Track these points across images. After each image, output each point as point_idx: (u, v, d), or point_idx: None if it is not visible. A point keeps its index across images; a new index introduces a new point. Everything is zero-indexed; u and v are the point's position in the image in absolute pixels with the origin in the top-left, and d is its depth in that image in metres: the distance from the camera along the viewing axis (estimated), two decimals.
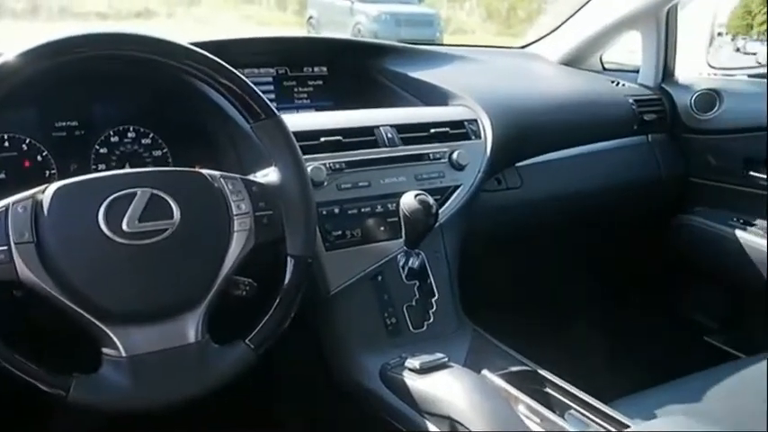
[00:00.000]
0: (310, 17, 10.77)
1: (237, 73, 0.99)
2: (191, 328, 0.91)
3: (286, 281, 0.99)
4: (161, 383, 0.90)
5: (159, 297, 0.90)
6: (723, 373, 1.34)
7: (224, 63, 0.98)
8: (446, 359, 1.08)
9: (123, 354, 0.87)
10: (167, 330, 0.90)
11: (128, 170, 0.95)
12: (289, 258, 0.99)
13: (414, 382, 1.05)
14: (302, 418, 1.55)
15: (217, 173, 0.97)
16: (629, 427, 0.99)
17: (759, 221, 1.71)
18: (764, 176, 1.71)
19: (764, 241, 1.65)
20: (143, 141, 1.28)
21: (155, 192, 0.91)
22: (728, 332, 1.83)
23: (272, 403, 1.58)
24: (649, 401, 1.23)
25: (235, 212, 0.95)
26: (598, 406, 1.07)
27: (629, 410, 1.10)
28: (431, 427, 1.03)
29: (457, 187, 1.35)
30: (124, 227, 0.88)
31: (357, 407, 1.17)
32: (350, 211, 1.23)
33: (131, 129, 1.27)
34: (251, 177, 1.00)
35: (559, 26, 2.00)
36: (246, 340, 0.96)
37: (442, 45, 2.16)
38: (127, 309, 0.88)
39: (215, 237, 0.94)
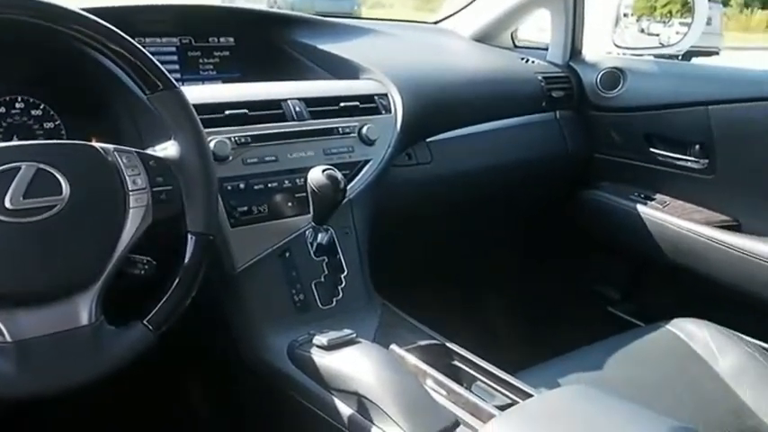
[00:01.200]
0: None
1: (131, 40, 0.94)
2: (83, 309, 0.87)
3: (186, 259, 0.95)
4: (51, 368, 0.85)
5: (47, 278, 0.85)
6: (624, 341, 1.39)
7: (116, 29, 0.93)
8: (354, 335, 1.07)
9: (8, 339, 0.82)
10: (57, 313, 0.85)
11: (10, 143, 0.89)
12: (189, 235, 0.95)
13: (321, 359, 1.05)
14: (212, 398, 1.53)
15: (110, 146, 0.93)
16: (532, 396, 1.01)
17: (659, 196, 1.77)
18: (663, 152, 1.77)
19: (663, 215, 1.71)
20: (33, 113, 1.21)
21: (41, 166, 0.85)
22: (630, 302, 1.89)
23: (182, 384, 1.55)
24: (554, 371, 1.26)
25: (130, 188, 0.91)
26: (504, 377, 1.09)
27: (535, 380, 1.13)
28: (339, 403, 1.02)
29: (366, 162, 1.34)
30: (7, 204, 0.82)
31: (266, 385, 1.15)
32: (256, 187, 1.20)
33: (20, 99, 1.20)
34: (148, 151, 0.96)
35: (472, 2, 2.01)
36: (144, 321, 0.92)
37: (355, 18, 2.13)
38: (12, 291, 0.83)
39: (109, 213, 0.90)
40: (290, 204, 1.22)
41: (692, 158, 1.72)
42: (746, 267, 1.54)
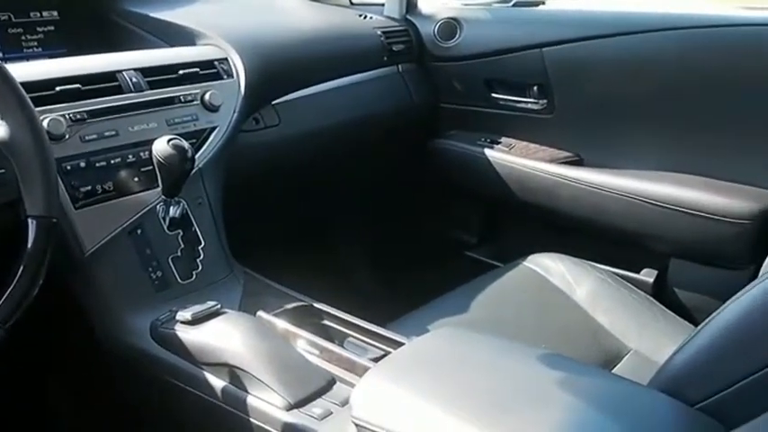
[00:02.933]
0: None
1: None
2: None
3: (29, 246, 0.88)
4: None
5: None
6: (485, 282, 1.44)
7: None
8: (219, 306, 1.05)
9: None
10: None
11: None
12: (29, 220, 0.89)
13: (187, 334, 1.02)
14: (75, 389, 1.46)
15: None
16: (404, 344, 1.02)
17: (504, 139, 1.83)
18: (504, 96, 1.83)
19: (510, 157, 1.77)
20: None
21: None
22: (487, 245, 1.95)
23: (42, 377, 1.47)
24: (422, 319, 1.30)
25: None
26: (375, 329, 1.10)
27: (405, 330, 1.15)
28: (211, 377, 1.01)
29: (213, 129, 1.30)
30: None
31: (131, 369, 1.11)
32: (98, 164, 1.13)
33: None
34: None
35: None
36: None
37: None
38: None
39: None
40: (136, 179, 1.17)
41: (532, 100, 1.79)
42: (591, 199, 1.63)
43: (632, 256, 1.62)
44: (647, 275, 1.60)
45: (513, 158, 1.76)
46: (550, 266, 1.46)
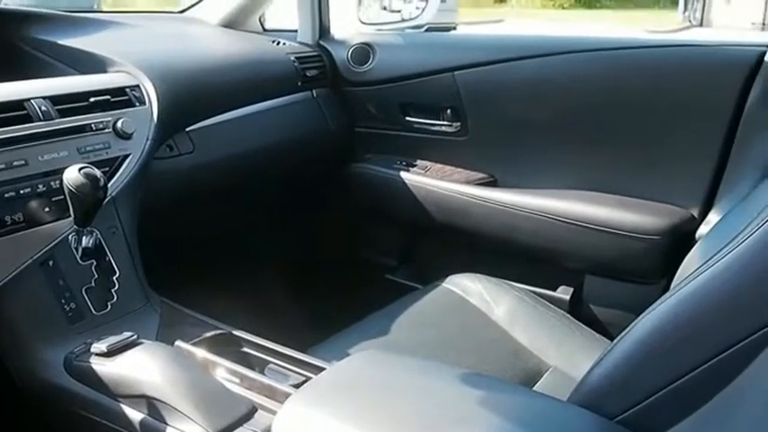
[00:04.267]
0: None
1: None
2: None
3: None
4: None
5: None
6: (405, 304, 1.45)
7: None
8: (135, 336, 1.04)
9: None
10: None
11: None
12: None
13: (102, 366, 1.00)
14: None
15: None
16: (325, 369, 1.03)
17: (419, 162, 1.86)
18: (418, 120, 1.86)
19: (426, 179, 1.79)
20: None
21: None
22: (406, 267, 1.97)
23: None
24: (343, 343, 1.29)
25: None
26: (295, 355, 1.10)
27: (326, 354, 1.15)
28: (128, 410, 0.99)
29: (126, 157, 1.28)
30: None
31: (45, 404, 1.08)
32: (7, 195, 1.10)
33: None
34: None
35: None
36: None
37: (96, 12, 2.02)
38: None
39: None
40: (47, 209, 1.14)
41: (446, 123, 1.83)
42: (505, 219, 1.67)
43: (548, 273, 1.66)
44: (564, 293, 1.65)
45: (429, 180, 1.79)
46: (469, 287, 1.48)
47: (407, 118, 1.88)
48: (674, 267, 1.15)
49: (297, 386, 1.00)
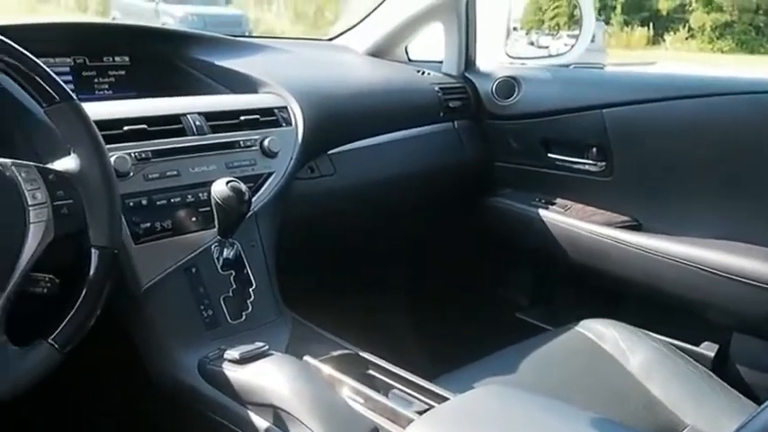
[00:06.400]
0: (114, 18, 10.34)
1: (25, 52, 0.92)
2: None
3: (91, 274, 0.93)
4: None
5: None
6: (535, 344, 1.41)
7: (9, 41, 0.91)
8: (267, 347, 1.06)
9: None
10: None
11: None
12: (93, 250, 0.93)
13: (234, 373, 1.03)
14: (119, 418, 1.47)
15: (8, 161, 0.90)
16: (448, 399, 1.01)
17: (559, 200, 1.82)
18: (561, 157, 1.82)
19: (565, 218, 1.75)
20: None
21: None
22: (537, 307, 1.92)
23: (85, 408, 1.49)
24: (468, 376, 1.27)
25: (30, 203, 0.88)
26: (419, 382, 1.09)
27: (450, 385, 1.13)
28: (254, 417, 1.00)
29: (270, 174, 1.32)
30: None
31: (177, 404, 1.12)
32: (159, 202, 1.17)
33: None
34: (48, 165, 0.93)
35: (365, 18, 2.03)
36: (50, 339, 0.90)
37: (250, 37, 2.12)
38: None
39: (8, 229, 0.87)
40: (194, 219, 1.20)
41: (590, 161, 1.78)
42: (648, 266, 1.59)
43: (691, 327, 1.57)
44: (708, 349, 1.55)
45: (569, 220, 1.75)
46: (603, 333, 1.42)
47: (549, 154, 1.84)
48: None
49: (420, 413, 0.99)
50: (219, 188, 1.12)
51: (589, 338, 1.42)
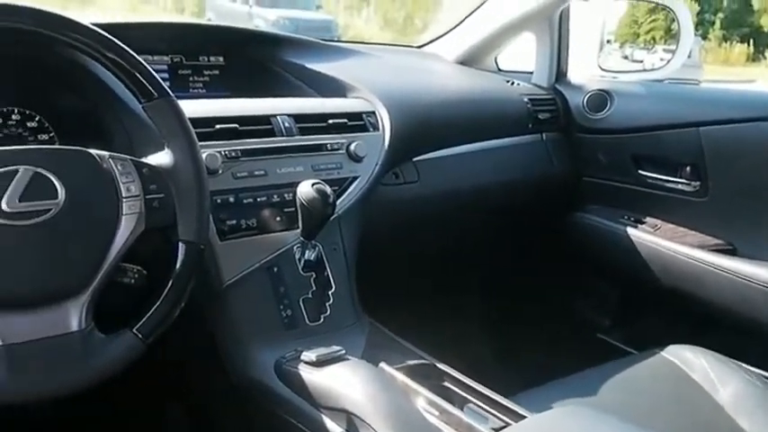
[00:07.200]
0: (208, 20, 10.64)
1: (128, 49, 0.95)
2: (73, 316, 0.87)
3: (177, 267, 0.95)
4: (39, 374, 0.85)
5: (40, 282, 0.86)
6: (618, 367, 1.36)
7: (113, 38, 0.94)
8: (343, 352, 1.06)
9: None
10: (48, 318, 0.85)
11: (9, 147, 0.89)
12: (180, 244, 0.95)
13: (310, 375, 1.02)
14: (193, 413, 1.50)
15: (105, 153, 0.93)
16: (525, 417, 0.99)
17: (649, 219, 1.76)
18: (652, 175, 1.76)
19: (655, 238, 1.69)
20: (29, 124, 1.20)
21: (38, 170, 0.86)
22: (620, 329, 1.87)
23: (162, 398, 1.52)
24: (546, 395, 1.24)
25: (124, 195, 0.91)
26: (496, 398, 1.07)
27: (527, 404, 1.10)
28: (327, 421, 1.00)
29: (355, 178, 1.33)
30: (4, 206, 0.83)
31: (251, 402, 1.13)
32: (245, 201, 1.18)
33: (16, 111, 1.19)
34: (142, 159, 0.96)
35: (456, 26, 2.02)
36: (134, 329, 0.92)
37: (341, 41, 2.14)
38: (4, 294, 0.83)
39: (102, 219, 0.90)
40: (278, 219, 1.21)
41: (683, 180, 1.71)
42: (742, 292, 1.53)
43: None
44: None
45: (659, 240, 1.69)
46: (691, 360, 1.35)
47: (640, 171, 1.78)
48: None
49: (496, 430, 0.97)
50: (305, 189, 1.13)
51: (675, 365, 1.36)
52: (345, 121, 1.37)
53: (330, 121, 1.35)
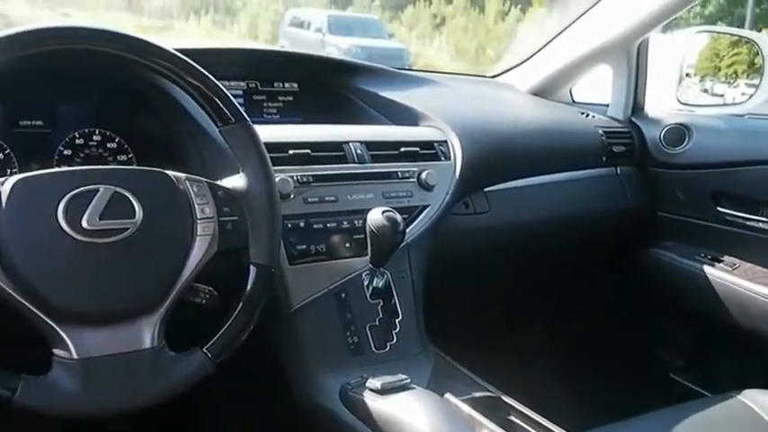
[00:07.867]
0: (282, 46, 10.87)
1: (207, 74, 0.98)
2: (146, 333, 0.89)
3: (248, 289, 0.96)
4: (112, 389, 0.87)
5: (116, 299, 0.88)
6: (690, 410, 1.31)
7: (193, 63, 0.97)
8: (408, 380, 1.05)
9: (75, 356, 0.84)
10: (122, 334, 0.87)
11: (90, 167, 0.93)
12: (252, 267, 0.97)
13: (375, 402, 1.02)
14: None
15: (182, 174, 0.95)
16: None
17: (727, 258, 1.70)
18: (732, 212, 1.71)
19: (733, 278, 1.64)
20: (108, 145, 1.25)
21: (117, 190, 0.89)
22: (694, 370, 1.81)
23: (227, 419, 1.53)
24: None
25: (199, 216, 0.93)
26: None
27: None
28: None
29: (425, 207, 1.32)
30: (84, 224, 0.85)
31: (315, 427, 1.13)
32: (315, 226, 1.19)
33: (97, 132, 1.24)
34: (217, 182, 0.98)
35: (531, 57, 2.00)
36: (204, 349, 0.94)
37: (413, 70, 2.15)
38: (82, 309, 0.86)
39: (177, 240, 0.92)
40: (347, 245, 1.21)
41: (765, 219, 1.65)
42: None
43: None
44: None
45: (737, 280, 1.63)
46: None
47: (719, 208, 1.72)
48: None
49: None
50: (375, 217, 1.13)
51: (752, 409, 1.30)
52: (417, 149, 1.37)
53: (402, 149, 1.35)
